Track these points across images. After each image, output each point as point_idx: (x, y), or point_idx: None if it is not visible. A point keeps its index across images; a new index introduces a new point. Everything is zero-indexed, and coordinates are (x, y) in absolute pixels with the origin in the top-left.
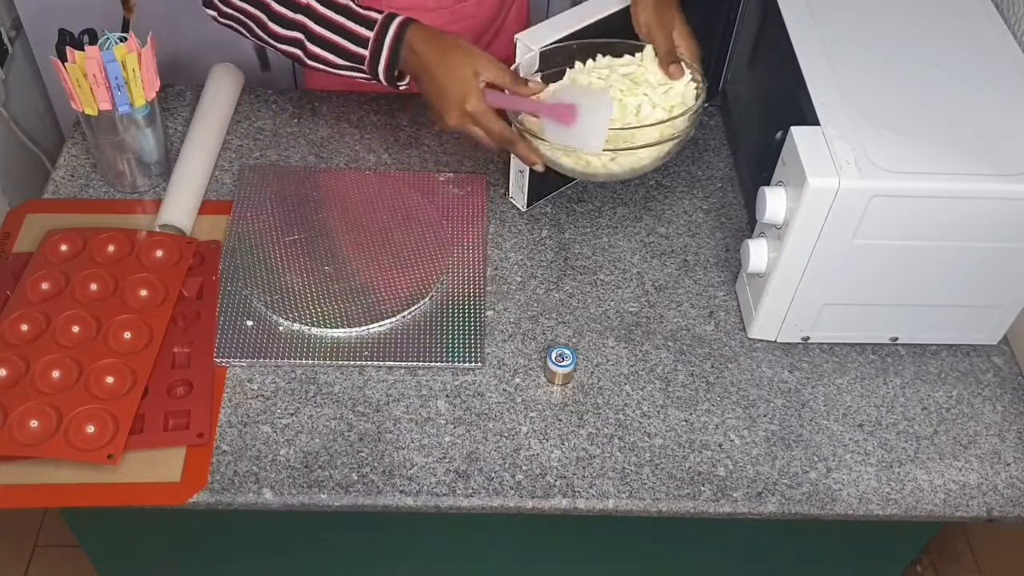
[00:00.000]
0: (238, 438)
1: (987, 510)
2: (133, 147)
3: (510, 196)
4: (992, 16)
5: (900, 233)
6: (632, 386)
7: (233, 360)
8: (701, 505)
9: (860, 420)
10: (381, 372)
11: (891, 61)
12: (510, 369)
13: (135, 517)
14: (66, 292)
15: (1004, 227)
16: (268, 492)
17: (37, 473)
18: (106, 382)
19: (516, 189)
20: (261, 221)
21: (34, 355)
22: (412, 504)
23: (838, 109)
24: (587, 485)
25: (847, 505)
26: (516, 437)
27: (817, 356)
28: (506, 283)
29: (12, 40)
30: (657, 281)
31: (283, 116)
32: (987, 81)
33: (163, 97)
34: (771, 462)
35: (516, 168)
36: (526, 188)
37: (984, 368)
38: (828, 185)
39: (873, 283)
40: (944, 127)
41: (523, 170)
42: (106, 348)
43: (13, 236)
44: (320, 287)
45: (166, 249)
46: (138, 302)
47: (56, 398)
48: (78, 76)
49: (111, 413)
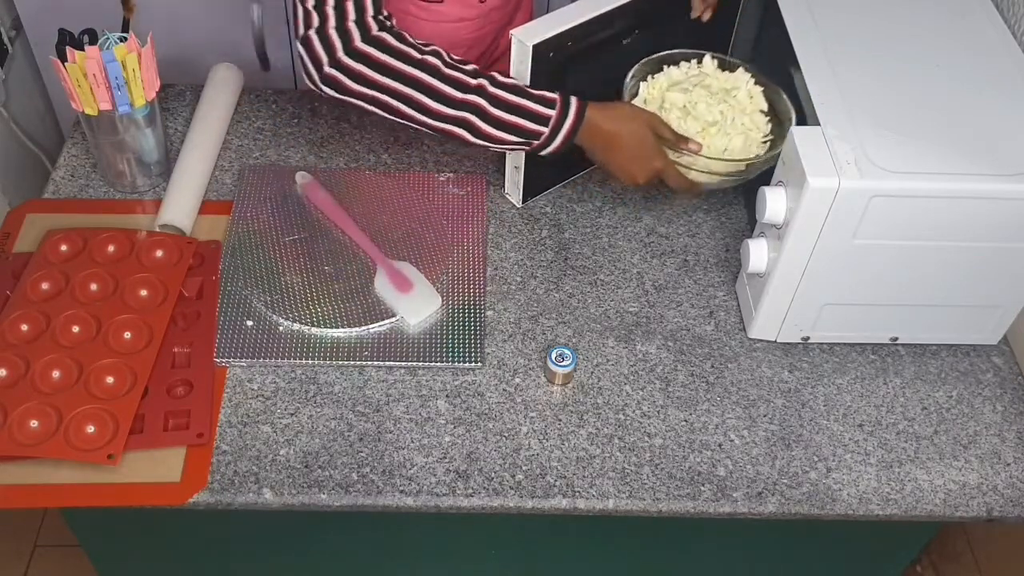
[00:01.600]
0: (238, 438)
1: (987, 510)
2: (133, 147)
3: (505, 192)
4: (992, 16)
5: (900, 233)
6: (632, 386)
7: (233, 360)
8: (701, 505)
9: (860, 420)
10: (381, 372)
11: (891, 61)
12: (510, 369)
13: (135, 517)
14: (66, 292)
15: (1004, 227)
16: (268, 492)
17: (37, 473)
18: (106, 382)
19: (511, 185)
20: (261, 221)
21: (34, 355)
22: (412, 504)
23: (838, 109)
24: (587, 485)
25: (847, 505)
26: (516, 437)
27: (817, 356)
28: (506, 283)
29: (12, 40)
30: (657, 281)
31: (283, 116)
32: (987, 81)
33: (163, 97)
34: (771, 462)
35: (511, 164)
36: (521, 184)
37: (984, 368)
38: (828, 185)
39: (873, 283)
40: (944, 127)
41: (518, 166)
42: (106, 348)
43: (13, 236)
44: (320, 287)
45: (166, 249)
46: (138, 302)
47: (56, 398)
48: (78, 76)
49: (111, 413)
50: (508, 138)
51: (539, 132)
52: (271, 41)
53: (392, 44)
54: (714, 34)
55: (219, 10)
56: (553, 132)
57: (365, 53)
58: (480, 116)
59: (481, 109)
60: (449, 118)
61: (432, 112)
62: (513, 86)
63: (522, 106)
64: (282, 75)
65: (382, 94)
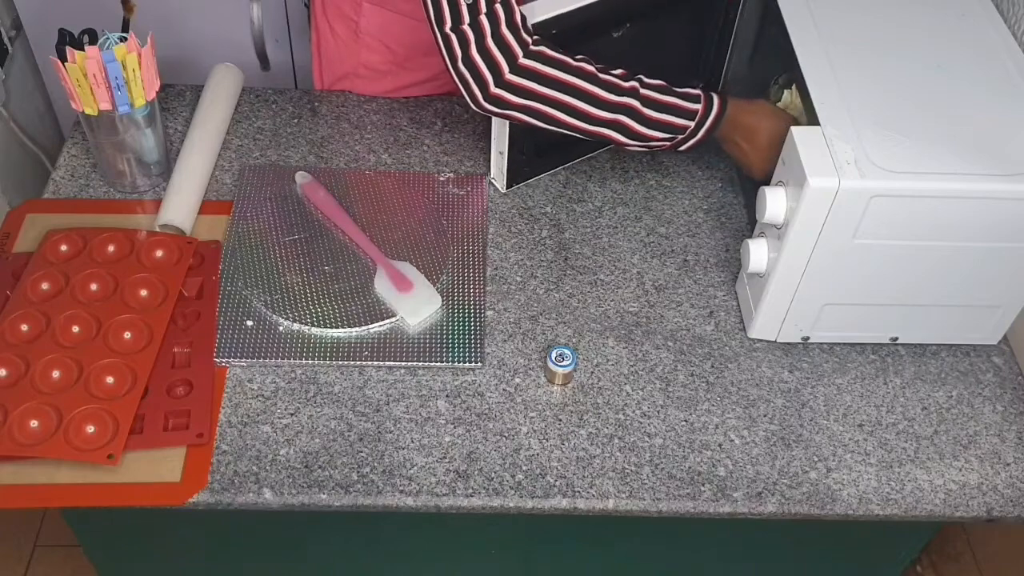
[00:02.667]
0: (238, 438)
1: (987, 510)
2: (133, 147)
3: (491, 176)
4: (992, 16)
5: (900, 233)
6: (632, 386)
7: (233, 360)
8: (701, 505)
9: (860, 420)
10: (381, 372)
11: (891, 61)
12: (510, 369)
13: (135, 517)
14: (66, 292)
15: (1004, 227)
16: (268, 492)
17: (37, 473)
18: (106, 382)
19: (497, 171)
20: (261, 221)
21: (34, 355)
22: (412, 504)
23: (838, 109)
24: (587, 485)
25: (847, 505)
26: (516, 437)
27: (817, 356)
28: (506, 283)
29: (12, 40)
30: (657, 281)
31: (283, 116)
32: (987, 81)
33: (163, 97)
34: (771, 462)
35: (496, 150)
36: (505, 169)
37: (984, 368)
38: (828, 185)
39: (873, 283)
40: (944, 127)
41: (503, 151)
42: (106, 348)
43: (13, 236)
44: (320, 287)
45: (166, 249)
46: (138, 302)
47: (56, 398)
48: (78, 76)
49: (111, 413)
50: (658, 135)
51: (686, 127)
52: (271, 41)
53: (552, 56)
54: (712, 34)
55: (219, 10)
56: (698, 125)
57: (531, 68)
58: (634, 117)
59: (635, 110)
60: (604, 121)
61: (590, 117)
62: (660, 85)
63: (672, 104)
64: (282, 75)
65: (544, 105)
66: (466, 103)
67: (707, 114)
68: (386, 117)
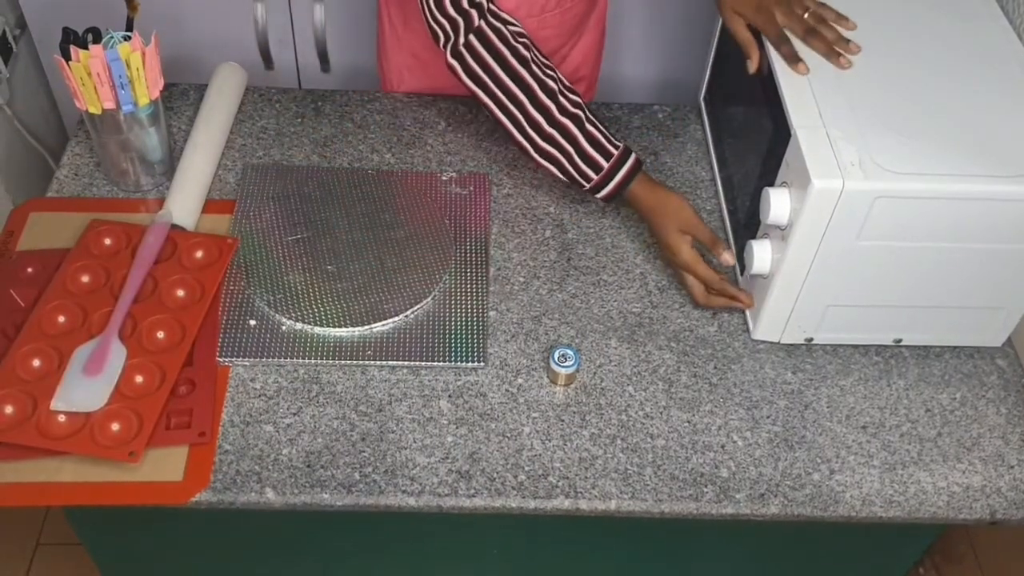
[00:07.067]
0: (240, 437)
1: (990, 512)
2: (137, 146)
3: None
4: (997, 17)
5: (904, 234)
6: (635, 387)
7: (236, 359)
8: (704, 506)
9: (863, 422)
10: (384, 372)
11: (895, 62)
12: (513, 369)
13: (137, 516)
14: (105, 288)
15: (1009, 228)
16: (270, 491)
17: (40, 471)
18: (135, 380)
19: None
20: (264, 220)
21: (68, 348)
22: (414, 504)
23: (842, 110)
24: (589, 486)
25: (850, 507)
26: (518, 437)
27: (821, 357)
28: (509, 283)
29: (16, 39)
30: (660, 282)
31: (287, 115)
32: (992, 82)
33: (167, 96)
34: (774, 463)
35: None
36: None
37: (988, 370)
38: (832, 186)
39: (877, 284)
40: (949, 128)
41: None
42: (139, 347)
43: (16, 235)
44: (323, 286)
45: (206, 250)
46: (175, 301)
47: None
48: (82, 75)
49: (136, 411)
50: (595, 156)
51: (587, 175)
52: (274, 40)
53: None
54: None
55: (223, 9)
56: (603, 182)
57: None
58: (580, 130)
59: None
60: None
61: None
62: (591, 121)
63: (577, 140)
64: (286, 75)
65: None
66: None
67: (612, 174)
68: (389, 117)
